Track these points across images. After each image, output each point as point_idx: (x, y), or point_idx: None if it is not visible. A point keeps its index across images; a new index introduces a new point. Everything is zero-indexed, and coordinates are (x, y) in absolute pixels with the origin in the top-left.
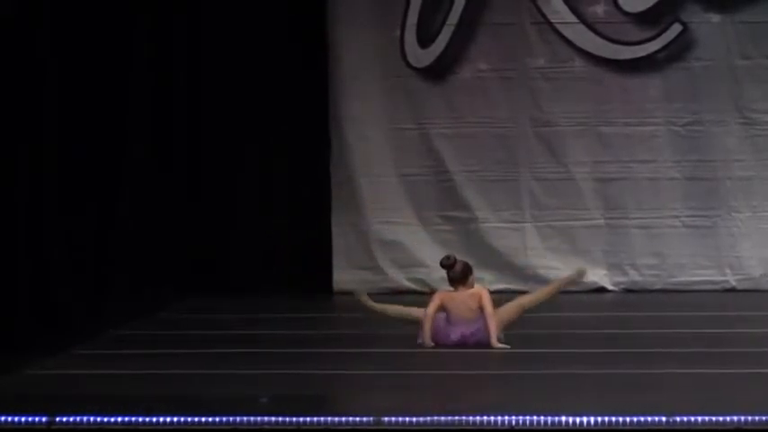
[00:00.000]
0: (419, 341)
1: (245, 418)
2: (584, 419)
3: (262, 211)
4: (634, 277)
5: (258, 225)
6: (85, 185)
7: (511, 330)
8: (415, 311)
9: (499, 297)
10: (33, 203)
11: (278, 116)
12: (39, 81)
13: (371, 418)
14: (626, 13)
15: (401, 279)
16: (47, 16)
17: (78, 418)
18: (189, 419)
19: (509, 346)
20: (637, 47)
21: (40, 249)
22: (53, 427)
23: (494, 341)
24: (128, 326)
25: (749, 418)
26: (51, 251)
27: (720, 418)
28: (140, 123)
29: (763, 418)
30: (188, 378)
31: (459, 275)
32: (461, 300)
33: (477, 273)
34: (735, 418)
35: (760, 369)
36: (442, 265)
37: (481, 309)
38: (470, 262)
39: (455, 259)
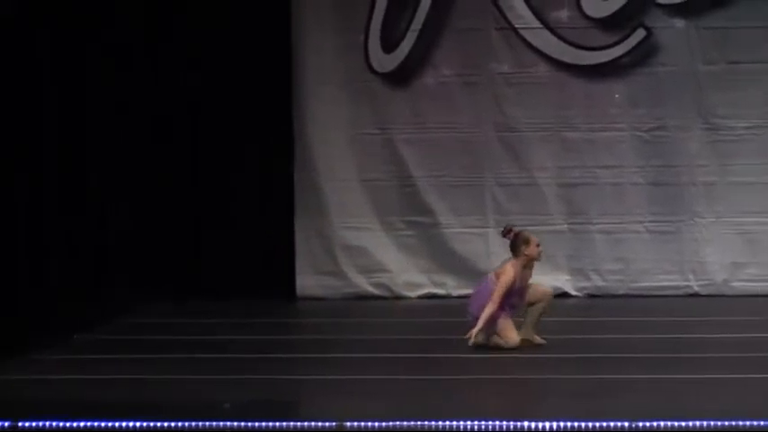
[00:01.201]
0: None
1: (207, 423)
2: (547, 424)
3: (225, 215)
4: (597, 282)
5: (221, 230)
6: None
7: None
8: None
9: (461, 302)
10: (33, 203)
11: (241, 121)
12: (39, 81)
13: (334, 423)
14: (590, 19)
15: (364, 284)
16: (47, 16)
17: (41, 423)
18: (152, 424)
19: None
20: (601, 52)
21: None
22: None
23: (475, 330)
24: (92, 330)
25: (711, 422)
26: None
27: (683, 423)
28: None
29: (726, 422)
30: (150, 383)
31: (511, 246)
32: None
33: (439, 277)
34: (697, 422)
35: (722, 374)
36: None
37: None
38: (433, 266)
39: (509, 229)
